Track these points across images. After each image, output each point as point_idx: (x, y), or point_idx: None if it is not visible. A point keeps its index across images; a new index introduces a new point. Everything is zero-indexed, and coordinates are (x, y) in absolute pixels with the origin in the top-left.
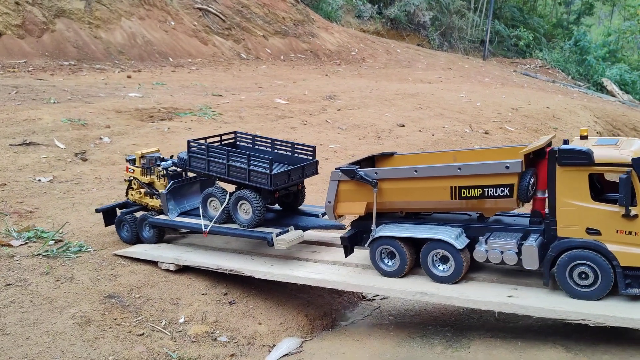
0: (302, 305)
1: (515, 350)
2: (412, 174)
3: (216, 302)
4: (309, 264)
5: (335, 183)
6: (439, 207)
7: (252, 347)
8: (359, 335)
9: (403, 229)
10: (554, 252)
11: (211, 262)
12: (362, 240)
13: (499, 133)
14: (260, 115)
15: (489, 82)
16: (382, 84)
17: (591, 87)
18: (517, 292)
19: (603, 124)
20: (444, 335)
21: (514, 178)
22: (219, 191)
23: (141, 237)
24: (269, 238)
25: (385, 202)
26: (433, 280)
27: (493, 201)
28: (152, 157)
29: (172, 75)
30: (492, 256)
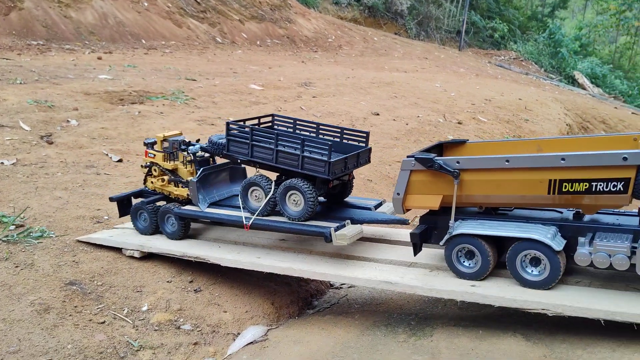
0: (269, 294)
1: (476, 339)
2: (502, 165)
3: (181, 290)
4: (276, 252)
5: (407, 173)
6: (528, 202)
7: (216, 335)
8: (324, 324)
9: (485, 225)
10: None
11: (177, 249)
12: (432, 237)
13: (471, 123)
14: (234, 100)
15: (464, 72)
16: (358, 72)
17: (563, 79)
18: (481, 282)
19: (573, 116)
20: (408, 323)
21: (632, 171)
22: (264, 180)
23: (163, 230)
24: (326, 233)
25: (462, 196)
26: (522, 284)
27: (599, 197)
28: (175, 140)
29: (144, 58)
30: (598, 260)
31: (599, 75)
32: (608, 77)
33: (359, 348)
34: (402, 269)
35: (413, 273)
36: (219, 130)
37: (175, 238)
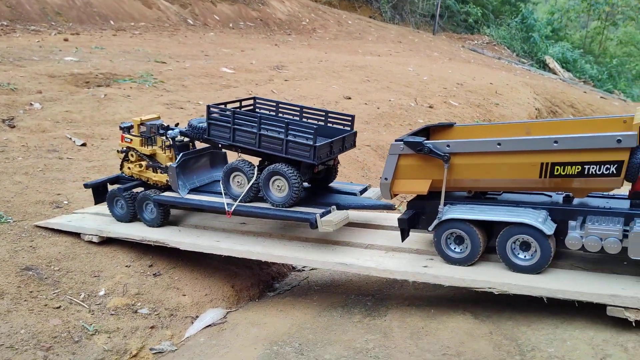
0: (229, 277)
1: (427, 318)
2: (493, 148)
3: (140, 274)
4: (236, 236)
5: (395, 157)
6: (519, 186)
7: (174, 318)
8: (282, 306)
9: (475, 210)
10: None
11: (136, 233)
12: (420, 223)
13: (443, 107)
14: (204, 84)
15: (437, 56)
16: (332, 55)
17: (534, 64)
18: (432, 262)
19: (542, 100)
20: (364, 304)
21: (625, 154)
22: (246, 165)
23: (141, 217)
24: (312, 219)
25: (451, 180)
26: (512, 269)
27: (592, 180)
28: (153, 124)
29: (112, 40)
30: (589, 244)
31: (570, 60)
32: (578, 62)
33: (314, 329)
34: (359, 250)
35: (368, 254)
36: (188, 114)
37: (154, 225)
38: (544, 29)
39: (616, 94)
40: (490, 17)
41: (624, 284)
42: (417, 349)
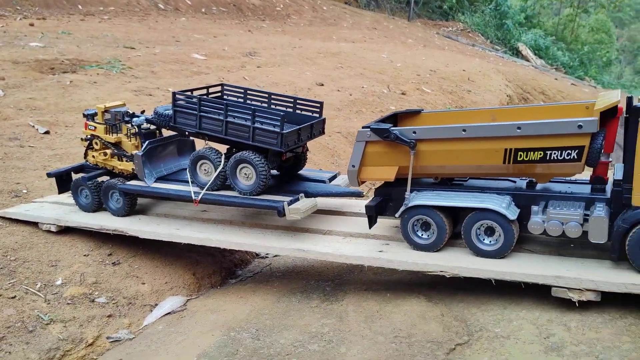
0: (191, 264)
1: (383, 301)
2: (459, 134)
3: (98, 263)
4: (196, 223)
5: (362, 144)
6: (484, 172)
7: (132, 307)
8: (243, 292)
9: (441, 196)
10: (626, 224)
11: (95, 222)
12: (387, 209)
13: (415, 94)
14: (174, 70)
15: (411, 43)
16: (306, 41)
17: (508, 51)
18: (388, 247)
19: (514, 87)
20: (323, 290)
21: (586, 139)
22: (213, 153)
23: (107, 207)
24: (279, 207)
25: (417, 167)
26: (477, 254)
27: (554, 165)
28: (118, 111)
29: (80, 25)
30: (550, 228)
31: (542, 47)
32: (551, 49)
33: (272, 314)
34: (318, 237)
35: (327, 241)
36: (156, 102)
37: (120, 215)
38: (518, 16)
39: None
40: (465, 3)
41: (569, 266)
42: (370, 332)
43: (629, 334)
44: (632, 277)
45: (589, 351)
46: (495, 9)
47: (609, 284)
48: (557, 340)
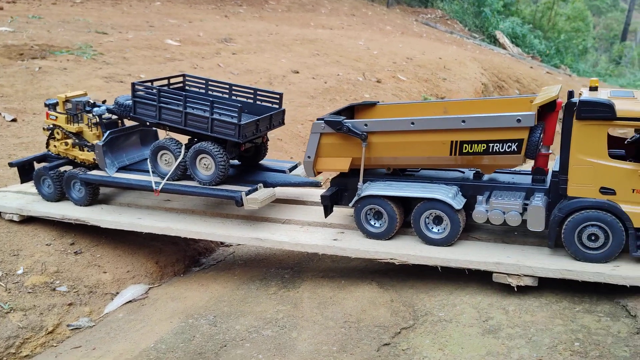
0: (154, 253)
1: (337, 288)
2: (408, 127)
3: (60, 253)
4: (158, 213)
5: (317, 136)
6: (433, 163)
7: (93, 295)
8: (205, 280)
9: (393, 187)
10: (562, 213)
11: (57, 212)
12: (343, 199)
13: (390, 82)
14: (147, 56)
15: (389, 30)
16: (283, 28)
17: (485, 39)
18: (343, 235)
19: (489, 75)
20: (281, 277)
21: (525, 132)
22: (173, 143)
23: (69, 196)
24: (237, 197)
25: (371, 158)
26: (425, 242)
27: (497, 157)
28: (79, 101)
29: (51, 9)
30: (493, 217)
31: (519, 35)
32: (527, 37)
33: (231, 301)
34: (276, 226)
35: (284, 229)
36: (128, 88)
37: (82, 204)
38: (496, 3)
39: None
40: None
41: (510, 253)
42: (322, 317)
43: (561, 317)
44: (567, 263)
45: (523, 333)
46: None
47: (545, 270)
48: (494, 323)
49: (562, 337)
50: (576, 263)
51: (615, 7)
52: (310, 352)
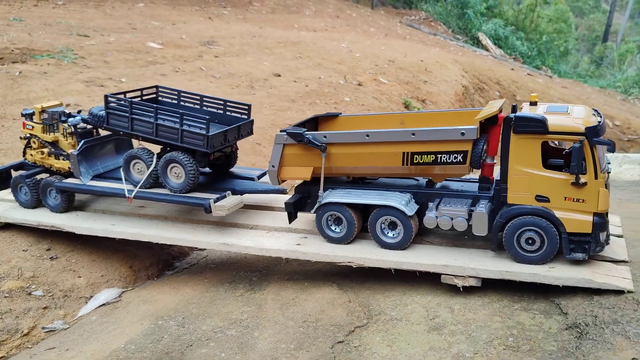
0: (128, 258)
1: (300, 290)
2: (363, 139)
3: (36, 258)
4: (132, 219)
5: (280, 146)
6: (389, 172)
7: (68, 299)
8: (176, 283)
9: (351, 194)
10: (503, 219)
11: (33, 218)
12: (306, 206)
13: (372, 85)
14: (128, 60)
15: (373, 32)
16: (266, 30)
17: (469, 40)
18: (306, 240)
19: (470, 77)
20: (249, 280)
21: (468, 145)
22: (145, 153)
23: (45, 204)
24: (206, 204)
25: (332, 167)
26: (381, 246)
27: (445, 167)
28: (55, 111)
29: (33, 11)
30: (442, 222)
31: (502, 37)
32: (510, 39)
33: (200, 303)
34: (244, 231)
35: (251, 235)
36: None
37: (58, 211)
38: (479, 5)
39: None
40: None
41: (458, 256)
42: (283, 317)
43: (500, 315)
44: (507, 265)
45: (464, 330)
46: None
47: (487, 271)
48: (440, 321)
49: (498, 333)
50: (515, 265)
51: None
52: (269, 350)
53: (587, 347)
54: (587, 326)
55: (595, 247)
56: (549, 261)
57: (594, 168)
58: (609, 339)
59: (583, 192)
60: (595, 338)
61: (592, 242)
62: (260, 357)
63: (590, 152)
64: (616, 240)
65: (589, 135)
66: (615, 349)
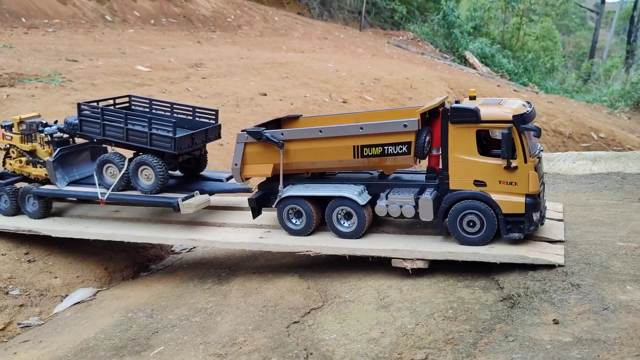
0: (104, 260)
1: (264, 281)
2: (317, 135)
3: (14, 261)
4: (106, 222)
5: (242, 145)
6: (343, 166)
7: (44, 298)
8: (149, 282)
9: (309, 188)
10: (446, 204)
11: (11, 224)
12: (270, 202)
13: (357, 102)
14: (116, 82)
15: (361, 52)
16: (254, 52)
17: (456, 59)
18: (269, 234)
19: (456, 94)
20: (219, 275)
21: (412, 136)
22: (117, 157)
23: (24, 210)
24: (174, 203)
25: (292, 163)
26: (338, 236)
27: (392, 159)
28: (32, 122)
29: (23, 38)
30: (391, 210)
31: (488, 55)
32: (496, 57)
33: (169, 297)
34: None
35: (218, 231)
36: None
37: (36, 217)
38: (465, 25)
39: (530, 87)
40: (416, 13)
41: (408, 242)
42: (245, 304)
43: (444, 292)
44: (451, 247)
45: (410, 306)
46: (443, 18)
47: (432, 253)
48: (389, 300)
49: (439, 307)
50: (459, 246)
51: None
52: (228, 332)
53: (517, 313)
54: (519, 297)
55: (529, 226)
56: (489, 242)
57: (522, 153)
58: (536, 306)
59: (515, 175)
60: (525, 306)
61: (526, 222)
62: (219, 338)
63: (519, 138)
64: (556, 224)
65: (516, 123)
66: (541, 313)
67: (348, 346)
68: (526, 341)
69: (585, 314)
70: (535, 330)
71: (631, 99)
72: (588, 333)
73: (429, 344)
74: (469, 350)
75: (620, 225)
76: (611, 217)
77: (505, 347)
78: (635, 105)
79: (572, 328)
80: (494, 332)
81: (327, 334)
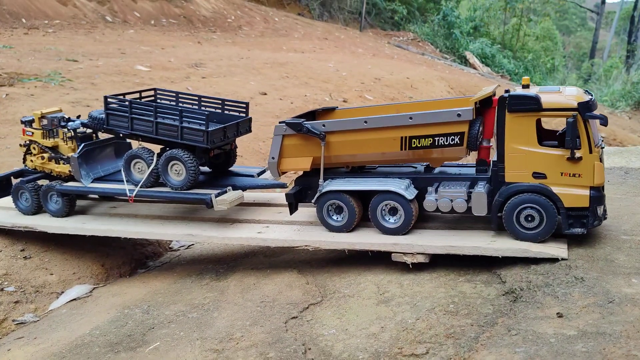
0: (100, 257)
1: (262, 277)
2: (361, 125)
3: (10, 258)
4: (104, 218)
5: (280, 138)
6: (386, 159)
7: (39, 294)
8: (146, 278)
9: (351, 182)
10: (502, 197)
11: (7, 220)
12: (307, 197)
13: (357, 101)
14: (115, 82)
15: (361, 52)
16: (255, 52)
17: (456, 59)
18: (268, 229)
19: (456, 93)
20: (217, 271)
21: (465, 126)
22: (145, 152)
23: (46, 208)
24: (207, 199)
25: (331, 157)
26: (382, 232)
27: (442, 150)
28: (54, 117)
29: (23, 39)
30: (441, 205)
31: (489, 55)
32: (497, 57)
33: (166, 293)
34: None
35: (215, 226)
36: None
37: (60, 216)
38: (465, 25)
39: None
40: (416, 14)
41: (409, 235)
42: (243, 299)
43: (445, 287)
44: (452, 241)
45: (410, 301)
46: (443, 19)
47: (433, 247)
48: (389, 295)
49: (441, 302)
50: (460, 240)
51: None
52: (225, 327)
53: (519, 307)
54: (522, 290)
55: (593, 220)
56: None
57: (588, 142)
58: (539, 299)
59: (579, 166)
60: (528, 300)
61: (590, 216)
62: (216, 333)
63: (584, 127)
64: None
65: (581, 110)
66: (544, 307)
67: (347, 341)
68: (529, 335)
69: (590, 307)
70: (539, 324)
71: (632, 98)
72: (593, 326)
73: (429, 339)
74: (471, 344)
75: (624, 219)
76: (615, 211)
77: (508, 341)
78: (635, 105)
79: (577, 321)
80: (496, 326)
81: (325, 329)
